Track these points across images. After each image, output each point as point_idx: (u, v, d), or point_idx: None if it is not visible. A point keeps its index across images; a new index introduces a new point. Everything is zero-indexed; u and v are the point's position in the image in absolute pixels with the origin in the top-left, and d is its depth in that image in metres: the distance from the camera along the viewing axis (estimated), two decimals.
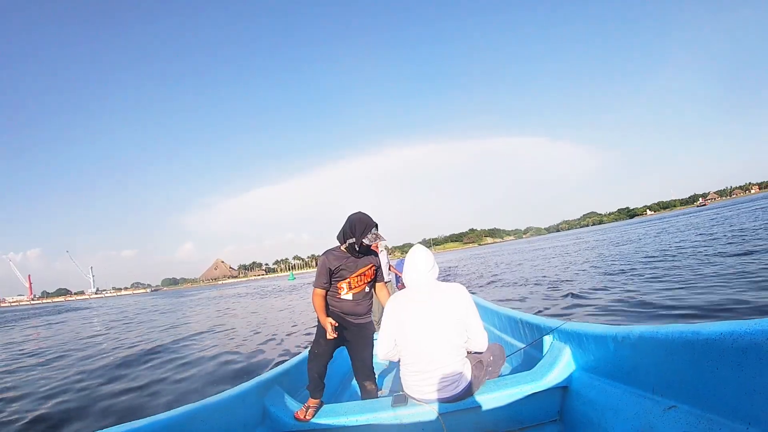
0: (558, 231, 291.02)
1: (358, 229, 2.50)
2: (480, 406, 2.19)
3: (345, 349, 2.72)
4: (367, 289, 2.66)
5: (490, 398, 2.20)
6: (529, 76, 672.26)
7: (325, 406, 2.41)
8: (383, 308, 2.47)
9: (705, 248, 12.54)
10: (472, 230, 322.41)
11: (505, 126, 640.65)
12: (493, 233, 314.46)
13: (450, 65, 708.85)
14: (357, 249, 2.54)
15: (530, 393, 2.22)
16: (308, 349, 2.86)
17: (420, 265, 2.29)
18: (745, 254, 9.71)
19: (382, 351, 2.32)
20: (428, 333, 2.17)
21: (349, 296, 2.60)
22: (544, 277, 12.77)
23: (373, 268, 2.67)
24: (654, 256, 12.89)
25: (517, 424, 2.24)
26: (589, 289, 8.78)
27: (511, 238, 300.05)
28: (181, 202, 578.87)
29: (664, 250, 14.37)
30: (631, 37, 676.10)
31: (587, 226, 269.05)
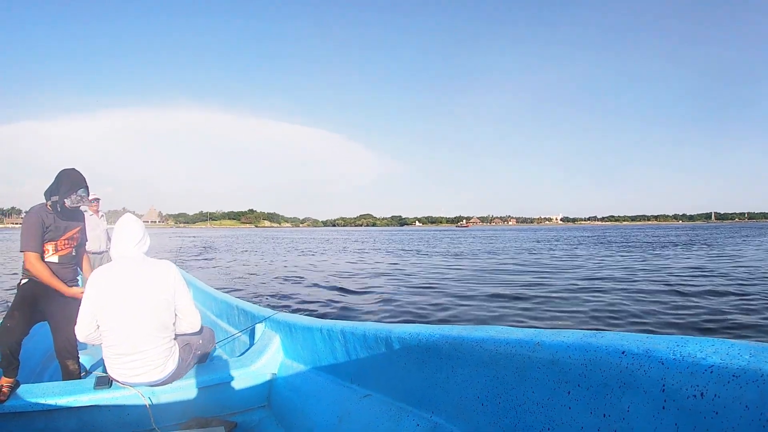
0: (334, 226, 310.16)
1: (64, 187, 2.31)
2: (188, 391, 2.18)
3: (47, 324, 2.46)
4: (73, 252, 2.48)
5: (199, 383, 2.20)
6: (337, 74, 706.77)
7: (22, 386, 2.10)
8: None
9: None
10: (252, 211, 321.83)
11: (303, 115, 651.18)
12: (272, 217, 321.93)
13: (262, 44, 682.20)
14: (59, 209, 2.34)
15: (239, 379, 2.30)
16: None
17: (127, 237, 2.11)
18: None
19: (82, 332, 2.07)
20: (132, 314, 2.01)
21: (55, 258, 2.39)
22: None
23: (80, 230, 2.52)
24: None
25: (227, 409, 2.27)
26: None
27: (289, 225, 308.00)
28: None
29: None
30: (447, 57, 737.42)
31: (362, 226, 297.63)
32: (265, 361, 2.42)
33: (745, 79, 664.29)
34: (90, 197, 2.66)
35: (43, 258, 2.34)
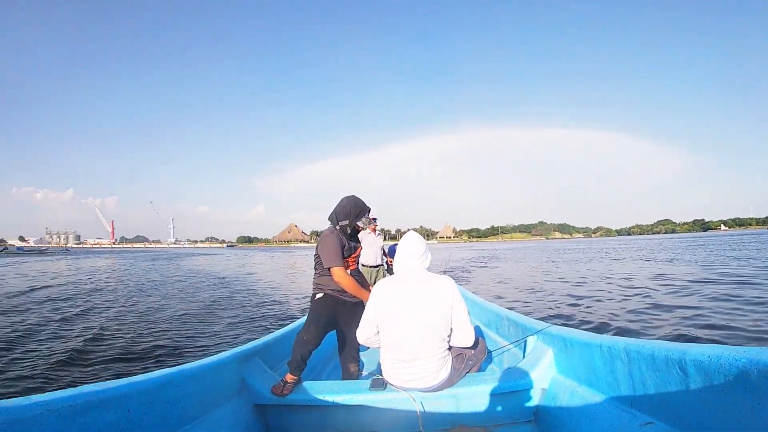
0: (629, 234, 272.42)
1: (353, 212, 2.65)
2: (457, 399, 2.22)
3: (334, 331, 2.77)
4: (357, 267, 2.79)
5: (468, 392, 2.23)
6: (619, 65, 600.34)
7: (303, 383, 2.38)
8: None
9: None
10: (541, 223, 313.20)
11: (583, 119, 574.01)
12: (563, 228, 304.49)
13: (533, 54, 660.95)
14: (349, 231, 2.68)
15: (508, 391, 2.25)
16: (291, 324, 3.03)
17: (411, 252, 2.27)
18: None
19: (362, 336, 2.32)
20: (411, 324, 2.14)
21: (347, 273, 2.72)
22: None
23: (360, 249, 2.85)
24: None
25: (492, 420, 2.25)
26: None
27: (580, 235, 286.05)
28: (254, 164, 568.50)
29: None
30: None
31: (659, 233, 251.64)
32: (536, 376, 2.32)
33: None
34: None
35: None
